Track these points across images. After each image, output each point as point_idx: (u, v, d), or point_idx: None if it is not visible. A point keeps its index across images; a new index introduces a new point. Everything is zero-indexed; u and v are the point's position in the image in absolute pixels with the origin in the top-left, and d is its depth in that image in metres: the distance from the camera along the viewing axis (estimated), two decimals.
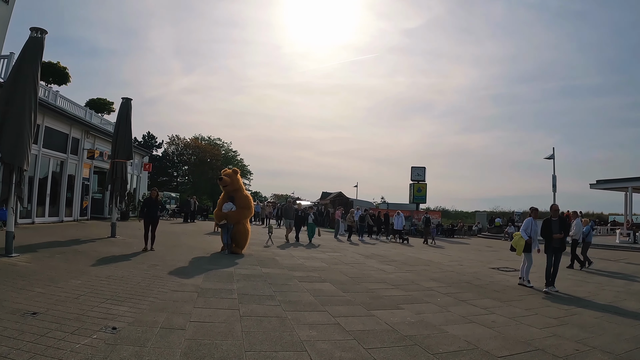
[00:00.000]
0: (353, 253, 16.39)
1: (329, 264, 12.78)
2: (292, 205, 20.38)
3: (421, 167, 39.30)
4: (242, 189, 14.51)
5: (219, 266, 10.85)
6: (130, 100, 17.34)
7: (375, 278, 10.63)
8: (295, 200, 24.88)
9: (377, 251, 17.94)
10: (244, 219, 14.14)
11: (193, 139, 64.43)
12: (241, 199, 14.12)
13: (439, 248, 22.25)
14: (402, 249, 20.32)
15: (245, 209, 14.14)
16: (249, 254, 13.72)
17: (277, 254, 14.49)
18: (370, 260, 14.49)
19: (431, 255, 17.89)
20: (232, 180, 14.12)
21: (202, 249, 14.21)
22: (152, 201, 13.17)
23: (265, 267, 11.18)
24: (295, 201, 22.35)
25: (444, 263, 14.91)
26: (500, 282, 11.07)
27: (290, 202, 20.92)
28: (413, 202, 37.95)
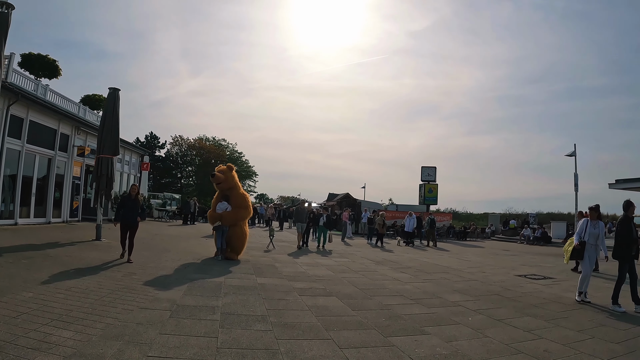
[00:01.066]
0: (362, 259, 14.83)
1: (335, 272, 11.23)
2: (305, 208, 18.27)
3: (432, 166, 37.61)
4: (238, 187, 12.99)
5: (208, 275, 9.37)
6: (117, 91, 15.89)
7: (390, 290, 9.05)
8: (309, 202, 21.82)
9: (388, 256, 16.37)
10: (241, 221, 12.65)
11: (198, 140, 63.09)
12: (237, 198, 12.63)
13: (451, 252, 20.63)
14: (414, 253, 18.73)
15: (242, 209, 12.63)
16: (245, 260, 12.24)
17: (277, 260, 12.96)
18: (382, 267, 12.93)
19: (448, 260, 16.28)
20: (227, 177, 12.62)
21: (194, 254, 12.75)
22: (130, 201, 11.02)
23: (261, 277, 9.66)
24: (309, 203, 20.05)
25: (463, 270, 13.31)
26: (533, 294, 9.47)
27: (303, 203, 18.87)
28: (424, 203, 36.27)
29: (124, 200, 11.45)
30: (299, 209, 18.16)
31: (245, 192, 13.21)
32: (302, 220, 17.45)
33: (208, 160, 59.17)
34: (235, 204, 12.45)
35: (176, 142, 60.19)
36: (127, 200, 11.13)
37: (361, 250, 18.13)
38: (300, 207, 18.37)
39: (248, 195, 13.15)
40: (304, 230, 17.51)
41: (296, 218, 18.10)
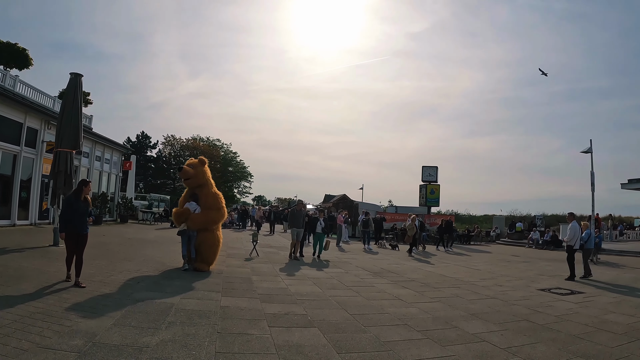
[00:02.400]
0: (357, 269, 12.85)
1: (323, 288, 9.26)
2: (302, 210, 15.04)
3: (433, 166, 35.75)
4: (210, 185, 10.99)
5: (161, 293, 7.46)
6: (79, 77, 14.00)
7: (390, 315, 7.05)
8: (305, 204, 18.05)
9: (387, 265, 14.40)
10: (212, 225, 10.67)
11: (191, 140, 61.11)
12: (207, 197, 10.67)
13: (456, 258, 18.67)
14: (416, 261, 16.77)
15: (213, 210, 10.65)
16: (218, 272, 10.31)
17: (257, 271, 11.01)
18: (380, 280, 10.96)
19: (455, 270, 14.31)
20: (197, 173, 10.66)
21: (159, 264, 10.83)
22: (76, 203, 8.03)
23: (228, 295, 7.72)
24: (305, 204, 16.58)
25: (476, 282, 11.36)
26: (569, 317, 7.53)
27: (301, 205, 15.31)
28: (425, 205, 34.38)
29: (68, 202, 8.24)
30: (295, 212, 14.75)
31: (219, 191, 11.21)
32: (298, 225, 14.38)
33: None
34: (206, 204, 10.51)
35: (169, 142, 58.15)
36: (74, 202, 8.07)
37: (357, 258, 16.15)
38: (297, 209, 14.89)
39: (221, 195, 11.16)
40: (300, 238, 14.58)
41: (291, 222, 14.60)
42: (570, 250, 12.95)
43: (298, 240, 14.44)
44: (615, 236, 31.96)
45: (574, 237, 12.86)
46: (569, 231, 12.98)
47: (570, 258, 12.86)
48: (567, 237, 12.99)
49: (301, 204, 15.41)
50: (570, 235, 12.89)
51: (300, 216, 14.56)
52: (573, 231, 12.86)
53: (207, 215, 10.39)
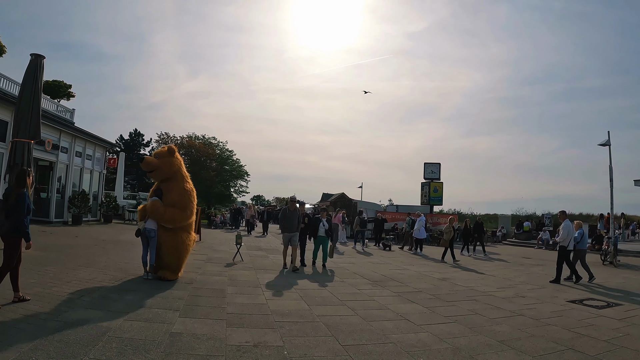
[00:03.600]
0: (354, 276, 11.16)
1: (311, 303, 7.54)
2: (296, 210, 11.99)
3: (435, 163, 33.99)
4: (181, 179, 9.27)
5: (104, 312, 5.90)
6: (41, 59, 12.23)
7: (395, 345, 5.32)
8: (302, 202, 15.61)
9: (388, 271, 12.68)
10: (173, 225, 8.85)
11: (187, 139, 59.26)
12: (171, 193, 8.97)
13: (465, 261, 16.96)
14: (420, 265, 15.08)
15: (177, 209, 8.89)
16: (188, 281, 8.69)
17: (235, 280, 9.35)
18: (381, 291, 9.25)
19: (467, 276, 12.64)
20: (162, 164, 9.00)
21: (120, 271, 9.20)
22: (5, 197, 6.42)
23: (187, 316, 6.05)
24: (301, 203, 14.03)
25: (493, 293, 9.69)
26: (623, 342, 5.88)
27: (293, 203, 12.05)
28: (428, 203, 32.68)
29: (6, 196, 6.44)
30: (287, 212, 11.77)
31: (192, 187, 9.49)
32: (290, 229, 11.53)
33: (197, 159, 55.46)
34: (168, 201, 8.83)
35: (163, 141, 56.24)
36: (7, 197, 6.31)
37: (354, 262, 14.43)
38: (290, 208, 11.88)
39: (193, 192, 9.40)
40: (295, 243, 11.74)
41: (283, 225, 11.67)
42: (563, 252, 11.93)
43: (294, 246, 11.63)
44: (627, 235, 30.37)
45: (567, 237, 11.85)
46: (561, 231, 12.04)
47: (561, 260, 11.89)
48: (560, 237, 12.03)
49: (294, 202, 12.11)
50: (564, 235, 11.87)
51: (294, 217, 11.67)
52: (566, 231, 11.87)
53: (173, 216, 8.68)
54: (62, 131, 21.29)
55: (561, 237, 11.94)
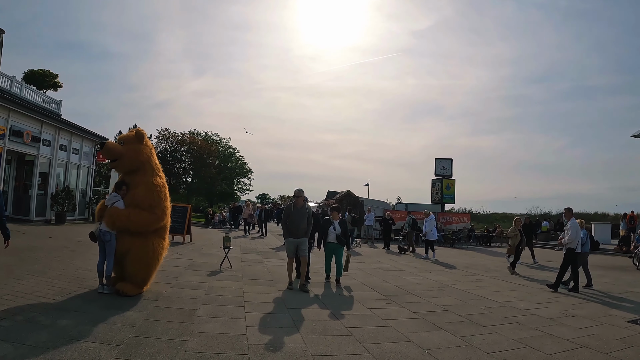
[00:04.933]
0: (362, 287, 9.33)
1: (305, 331, 5.70)
2: (304, 207, 9.04)
3: (447, 158, 31.98)
4: (150, 172, 7.49)
5: (12, 346, 4.13)
6: (0, 33, 10.51)
7: None
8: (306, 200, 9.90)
9: (402, 280, 10.82)
10: (139, 228, 7.03)
11: (189, 136, 57.50)
12: (139, 189, 7.17)
13: (486, 265, 15.09)
14: (437, 271, 13.23)
15: (147, 212, 7.08)
16: (153, 296, 6.97)
17: (214, 295, 7.53)
18: (396, 310, 7.38)
19: (494, 285, 10.80)
20: (127, 151, 7.26)
21: (74, 282, 7.48)
22: None
23: (126, 357, 4.23)
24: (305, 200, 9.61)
25: (536, 311, 7.82)
26: None
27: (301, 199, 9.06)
28: (440, 201, 30.73)
29: None
30: (293, 210, 8.93)
31: (163, 182, 7.64)
32: (298, 233, 8.76)
33: (199, 156, 53.66)
34: (135, 198, 7.05)
35: (163, 137, 54.49)
36: None
37: (362, 268, 12.49)
38: (296, 205, 8.96)
39: (164, 188, 7.55)
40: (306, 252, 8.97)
41: (287, 227, 8.94)
42: (571, 255, 10.46)
43: (302, 258, 8.84)
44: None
45: (575, 238, 10.42)
46: (569, 231, 10.52)
47: (567, 264, 10.53)
48: (567, 237, 10.48)
49: (300, 196, 8.96)
50: (572, 236, 10.38)
51: (301, 217, 8.77)
52: (574, 230, 10.44)
53: (129, 217, 6.86)
54: (44, 122, 19.55)
55: (569, 239, 10.42)
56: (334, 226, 9.67)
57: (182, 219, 15.99)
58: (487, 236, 29.29)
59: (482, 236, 29.39)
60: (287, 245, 8.96)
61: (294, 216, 8.80)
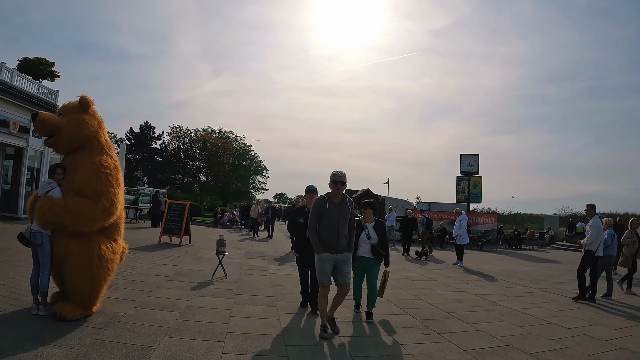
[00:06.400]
0: (388, 307, 7.31)
1: None
2: (344, 202, 5.55)
3: (473, 154, 29.66)
4: (97, 148, 5.60)
5: None
6: None
7: None
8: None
9: (436, 296, 8.77)
10: (90, 226, 5.17)
11: (203, 132, 55.84)
12: (81, 172, 5.28)
13: (527, 273, 12.93)
14: (475, 283, 11.15)
15: (91, 201, 5.15)
16: (102, 322, 5.07)
17: (187, 320, 5.53)
18: (436, 345, 5.31)
19: (555, 304, 8.70)
20: (67, 124, 5.41)
21: (6, 297, 5.66)
22: None
23: None
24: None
25: (617, 342, 5.74)
26: None
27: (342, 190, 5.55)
28: (468, 200, 28.47)
29: None
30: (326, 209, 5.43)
31: (115, 164, 5.67)
32: (336, 246, 5.38)
33: (213, 154, 51.93)
34: (74, 184, 5.20)
35: (175, 134, 52.84)
36: None
37: None
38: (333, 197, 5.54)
39: (118, 171, 5.60)
40: (348, 276, 5.59)
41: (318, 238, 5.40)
42: (589, 258, 9.12)
43: (342, 288, 5.50)
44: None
45: (597, 239, 9.01)
46: (589, 230, 9.16)
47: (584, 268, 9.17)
48: (587, 238, 9.17)
49: (342, 183, 5.52)
50: (592, 237, 9.01)
51: (342, 217, 5.49)
52: (595, 230, 9.01)
53: (66, 206, 4.99)
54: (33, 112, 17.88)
55: (589, 239, 9.07)
56: (367, 232, 6.45)
57: (180, 218, 14.10)
58: (517, 238, 27.03)
59: (512, 238, 27.15)
60: (320, 265, 5.36)
61: (330, 216, 5.37)
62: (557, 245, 28.69)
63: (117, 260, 5.66)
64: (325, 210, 5.41)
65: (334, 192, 5.55)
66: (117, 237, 5.67)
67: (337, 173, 5.53)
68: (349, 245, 5.53)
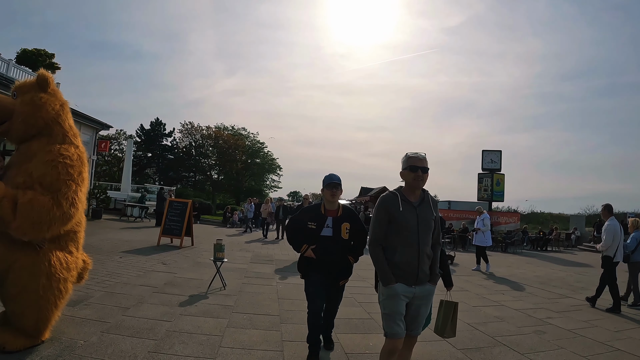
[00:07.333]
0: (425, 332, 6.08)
1: None
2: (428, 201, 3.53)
3: (496, 150, 28.16)
4: (59, 135, 4.37)
5: None
6: None
7: None
8: None
9: (472, 312, 7.47)
10: (40, 232, 3.89)
11: (215, 129, 54.78)
12: (36, 162, 4.05)
13: (571, 281, 11.55)
14: (513, 293, 9.83)
15: (46, 198, 3.89)
16: (57, 352, 3.89)
17: (161, 353, 4.29)
18: None
19: (602, 318, 7.37)
20: (20, 106, 4.22)
21: None
22: None
23: None
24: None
25: None
26: None
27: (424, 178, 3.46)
28: (490, 199, 27.02)
29: None
30: (399, 212, 3.39)
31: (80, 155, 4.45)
32: (416, 272, 3.36)
33: (225, 151, 50.83)
34: (25, 176, 4.00)
35: (187, 131, 51.81)
36: None
37: None
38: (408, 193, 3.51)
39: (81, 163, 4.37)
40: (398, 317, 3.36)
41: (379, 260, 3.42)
42: (608, 264, 8.27)
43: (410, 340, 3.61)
44: None
45: (612, 244, 8.17)
46: (604, 235, 8.35)
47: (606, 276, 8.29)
48: (602, 244, 8.39)
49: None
50: (607, 242, 8.22)
51: (425, 225, 3.44)
52: (610, 235, 8.19)
53: (10, 202, 3.77)
54: None
55: (604, 244, 8.29)
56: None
57: (181, 218, 12.88)
58: (542, 239, 25.51)
59: (537, 239, 25.63)
60: (389, 303, 3.38)
61: (406, 224, 3.41)
62: (584, 247, 27.01)
63: (74, 278, 4.45)
64: (399, 215, 3.39)
65: (410, 184, 3.49)
66: (73, 248, 4.46)
67: (415, 155, 3.50)
68: (432, 271, 3.50)
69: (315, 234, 4.35)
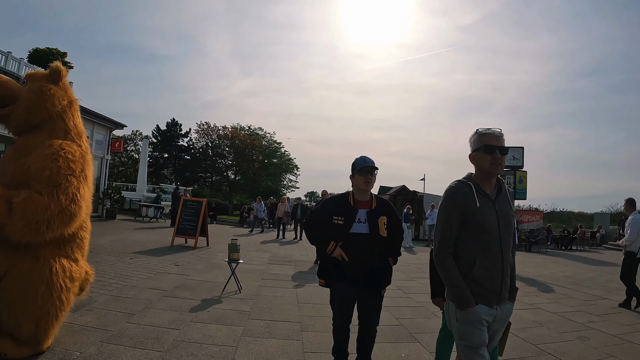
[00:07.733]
0: None
1: None
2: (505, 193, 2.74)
3: (518, 147, 27.22)
4: (62, 130, 4.00)
5: None
6: None
7: None
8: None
9: (516, 315, 6.94)
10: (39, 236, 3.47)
11: (232, 130, 54.56)
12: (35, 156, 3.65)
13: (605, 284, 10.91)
14: (545, 294, 9.25)
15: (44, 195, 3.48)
16: None
17: None
18: None
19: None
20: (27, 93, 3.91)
21: None
22: None
23: None
24: None
25: None
26: None
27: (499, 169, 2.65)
28: (514, 197, 26.21)
29: None
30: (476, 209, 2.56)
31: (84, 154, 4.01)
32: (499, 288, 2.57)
33: (242, 151, 50.53)
34: (21, 172, 3.61)
35: (203, 131, 51.61)
36: None
37: None
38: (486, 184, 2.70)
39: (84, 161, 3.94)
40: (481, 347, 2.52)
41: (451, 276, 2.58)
42: (630, 260, 7.97)
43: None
44: None
45: (637, 239, 7.81)
46: (628, 229, 8.00)
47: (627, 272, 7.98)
48: (626, 238, 8.00)
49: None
50: (631, 236, 7.85)
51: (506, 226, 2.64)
52: (635, 229, 7.81)
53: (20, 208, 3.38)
54: None
55: (628, 239, 7.94)
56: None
57: (195, 217, 12.51)
58: (567, 238, 24.71)
59: (561, 238, 24.86)
60: (468, 329, 2.53)
61: (485, 224, 2.58)
62: (609, 246, 26.16)
63: (77, 289, 4.03)
64: (477, 212, 2.58)
65: (488, 170, 2.69)
66: (78, 255, 4.04)
67: (489, 131, 2.81)
68: (512, 285, 2.71)
69: (342, 230, 3.53)
